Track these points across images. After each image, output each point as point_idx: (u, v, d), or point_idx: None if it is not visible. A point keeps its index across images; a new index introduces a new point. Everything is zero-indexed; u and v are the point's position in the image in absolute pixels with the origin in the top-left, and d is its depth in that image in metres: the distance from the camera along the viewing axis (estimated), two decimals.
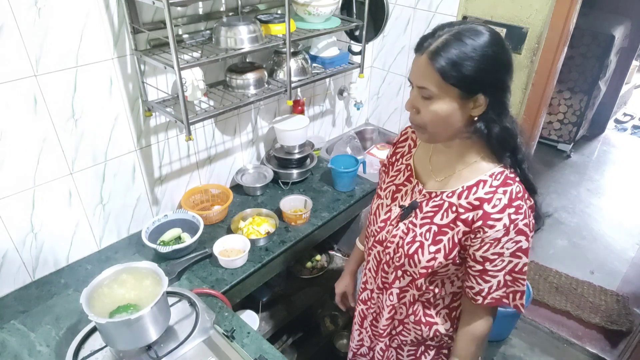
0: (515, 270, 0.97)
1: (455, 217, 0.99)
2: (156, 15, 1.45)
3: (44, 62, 1.26)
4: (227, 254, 1.58)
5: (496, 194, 0.94)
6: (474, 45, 0.86)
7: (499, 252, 0.95)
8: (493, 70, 0.88)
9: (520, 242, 0.94)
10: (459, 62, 0.86)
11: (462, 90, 0.88)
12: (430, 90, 0.89)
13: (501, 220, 0.93)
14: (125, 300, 1.15)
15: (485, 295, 1.00)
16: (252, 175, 2.03)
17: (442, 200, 1.02)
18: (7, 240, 1.38)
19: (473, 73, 0.86)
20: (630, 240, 3.16)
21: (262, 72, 1.69)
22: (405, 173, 1.13)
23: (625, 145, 4.42)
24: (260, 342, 1.29)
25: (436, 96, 0.90)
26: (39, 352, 1.25)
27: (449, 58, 0.86)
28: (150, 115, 1.57)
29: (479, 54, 0.86)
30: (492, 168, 0.98)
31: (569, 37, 1.79)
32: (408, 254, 1.05)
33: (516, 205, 0.93)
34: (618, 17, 3.81)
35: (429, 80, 0.89)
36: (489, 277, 0.98)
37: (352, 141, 2.38)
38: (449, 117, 0.91)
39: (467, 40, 0.86)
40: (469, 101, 0.90)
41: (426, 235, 1.03)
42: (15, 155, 1.31)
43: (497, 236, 0.93)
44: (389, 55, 2.37)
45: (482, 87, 0.89)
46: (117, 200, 1.61)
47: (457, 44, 0.86)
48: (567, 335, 2.43)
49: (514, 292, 0.99)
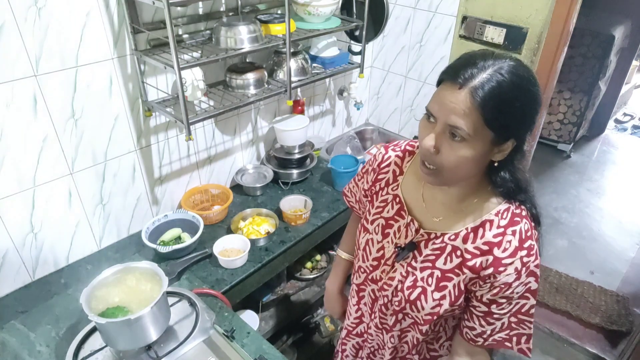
0: (521, 312, 0.90)
1: (461, 263, 0.90)
2: (156, 15, 1.45)
3: (44, 62, 1.26)
4: (227, 254, 1.58)
5: (505, 235, 0.86)
6: (520, 84, 0.75)
7: (509, 295, 0.88)
8: (533, 112, 0.78)
9: (529, 283, 0.88)
10: (506, 103, 0.74)
11: (498, 134, 0.77)
12: (464, 131, 0.75)
13: (513, 264, 0.85)
14: (120, 302, 1.14)
15: (487, 337, 0.93)
16: (252, 175, 2.03)
17: (444, 243, 0.92)
18: (7, 240, 1.38)
19: (517, 117, 0.76)
20: (630, 240, 3.16)
21: (262, 72, 1.69)
22: (394, 206, 1.01)
23: (625, 145, 4.42)
24: (260, 342, 1.29)
25: (468, 139, 0.76)
26: (39, 352, 1.25)
27: (496, 98, 0.73)
28: (150, 115, 1.57)
29: (524, 95, 0.76)
30: (497, 205, 0.88)
31: (569, 37, 1.79)
32: (409, 299, 0.96)
33: (527, 246, 0.85)
34: (618, 17, 3.81)
35: (467, 120, 0.74)
36: (493, 319, 0.91)
37: (352, 141, 2.38)
38: (473, 162, 0.79)
39: (514, 78, 0.74)
40: (497, 146, 0.80)
41: (428, 280, 0.94)
42: (15, 155, 1.31)
43: (509, 281, 0.86)
44: (389, 55, 2.37)
45: (517, 132, 0.79)
46: (117, 200, 1.61)
47: (504, 81, 0.73)
48: (567, 336, 2.43)
49: (519, 335, 0.92)
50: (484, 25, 1.88)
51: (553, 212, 3.40)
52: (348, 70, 2.01)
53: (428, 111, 0.81)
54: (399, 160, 1.04)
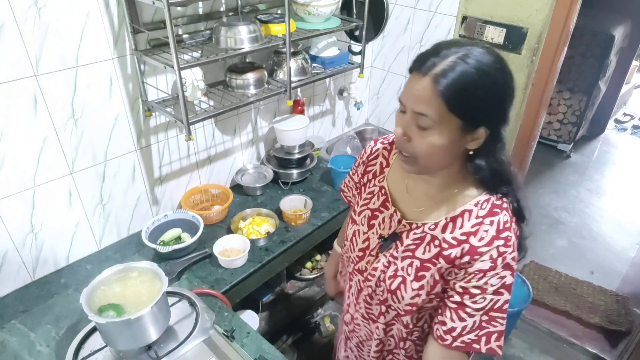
0: (494, 308, 0.88)
1: (438, 253, 0.91)
2: (156, 15, 1.45)
3: (44, 62, 1.26)
4: (227, 254, 1.58)
5: (483, 225, 0.86)
6: (485, 71, 0.76)
7: (482, 287, 0.86)
8: (501, 100, 0.80)
9: (505, 277, 0.86)
10: (470, 90, 0.76)
11: (466, 121, 0.79)
12: (430, 118, 0.78)
13: (488, 252, 0.85)
14: (118, 302, 1.14)
15: (456, 336, 0.90)
16: (252, 175, 2.03)
17: (424, 232, 0.93)
18: (7, 240, 1.38)
19: (482, 103, 0.78)
20: (630, 240, 3.16)
21: (262, 72, 1.69)
22: (380, 197, 1.03)
23: (625, 145, 4.42)
24: (260, 342, 1.29)
25: (435, 126, 0.79)
26: (39, 352, 1.25)
27: (458, 84, 0.75)
28: (150, 115, 1.57)
29: (490, 82, 0.77)
30: (477, 196, 0.89)
31: (569, 37, 1.79)
32: (390, 289, 0.97)
33: (504, 236, 0.85)
34: (618, 17, 3.81)
35: (430, 107, 0.77)
36: (465, 314, 0.89)
37: (352, 141, 2.38)
38: (445, 150, 0.82)
39: (479, 65, 0.76)
40: (468, 134, 0.81)
41: (408, 270, 0.95)
42: (16, 155, 1.31)
43: (483, 268, 0.85)
44: (389, 55, 2.37)
45: (487, 120, 0.80)
46: (117, 200, 1.61)
47: (467, 68, 0.75)
48: (567, 335, 2.43)
49: (489, 333, 0.89)
50: (484, 25, 1.88)
51: (553, 212, 3.40)
52: (348, 70, 2.01)
53: (400, 101, 0.84)
54: (386, 152, 1.06)
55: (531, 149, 2.06)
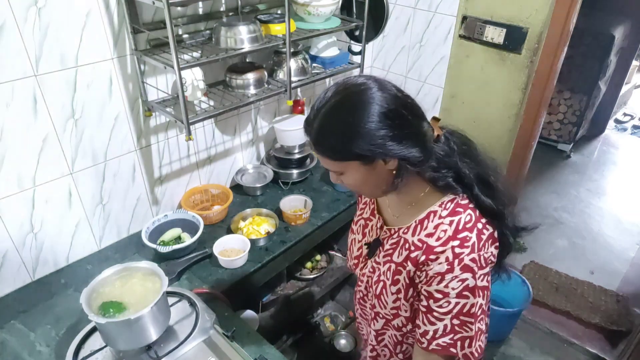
0: (463, 312, 0.86)
1: (407, 256, 0.93)
2: (156, 15, 1.45)
3: (44, 62, 1.26)
4: (227, 254, 1.58)
5: (442, 225, 0.88)
6: (330, 115, 0.83)
7: (444, 291, 0.86)
8: (353, 138, 0.81)
9: (466, 280, 0.85)
10: (325, 142, 0.84)
11: (358, 160, 0.84)
12: (334, 169, 0.89)
13: (444, 254, 0.86)
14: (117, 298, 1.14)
15: (430, 339, 0.90)
16: (252, 175, 2.03)
17: (399, 236, 0.97)
18: (7, 240, 1.38)
19: (348, 146, 0.81)
20: (630, 240, 3.16)
21: (262, 72, 1.69)
22: (370, 206, 1.10)
23: (625, 145, 4.42)
24: (260, 342, 1.29)
25: (343, 171, 0.88)
26: (39, 352, 1.25)
27: (325, 142, 0.85)
28: (150, 115, 1.57)
29: (337, 127, 0.82)
30: (442, 197, 0.91)
31: (569, 37, 1.79)
32: (376, 294, 1.01)
33: (462, 237, 0.85)
34: (618, 17, 3.81)
35: (326, 163, 0.88)
36: (434, 318, 0.89)
37: None
38: (367, 181, 0.89)
39: (323, 117, 0.83)
40: (375, 164, 0.84)
41: (387, 274, 0.98)
42: (15, 155, 1.31)
43: (440, 270, 0.86)
44: (389, 55, 2.37)
45: (362, 151, 0.82)
46: (117, 200, 1.61)
47: (325, 124, 0.83)
48: (567, 335, 2.43)
49: (462, 338, 0.88)
50: (484, 25, 1.88)
51: (553, 212, 3.40)
52: (348, 70, 2.01)
53: None
54: None
55: (531, 149, 2.06)
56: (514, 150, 2.02)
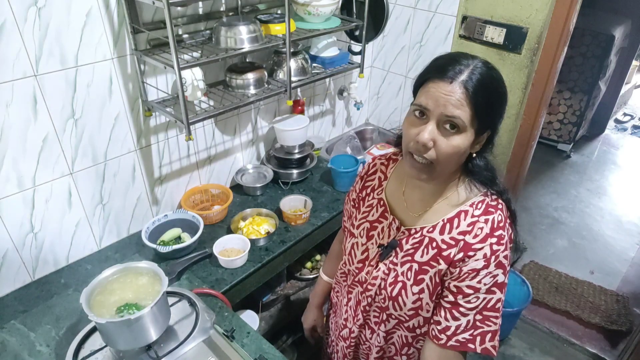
0: (487, 308, 0.89)
1: (436, 254, 0.93)
2: (156, 15, 1.45)
3: (44, 62, 1.26)
4: (227, 254, 1.58)
5: (478, 223, 0.90)
6: (497, 78, 0.85)
7: (476, 286, 0.88)
8: (505, 104, 0.88)
9: (497, 276, 0.88)
10: (491, 95, 0.83)
11: (482, 125, 0.85)
12: (461, 121, 0.81)
13: (482, 250, 0.88)
14: (124, 300, 1.15)
15: (450, 335, 0.91)
16: (252, 175, 2.03)
17: (422, 235, 0.96)
18: (7, 240, 1.38)
19: (497, 107, 0.86)
20: (630, 240, 3.16)
21: (262, 72, 1.69)
22: (379, 209, 1.06)
23: (625, 145, 4.42)
24: (260, 342, 1.29)
25: (462, 129, 0.82)
26: (39, 352, 1.25)
27: (485, 90, 0.81)
28: (150, 115, 1.57)
29: (501, 89, 0.85)
30: (472, 197, 0.93)
31: (569, 37, 1.79)
32: (391, 296, 0.99)
33: (498, 235, 0.88)
34: (618, 17, 3.81)
35: (462, 111, 0.81)
36: (459, 313, 0.90)
37: (352, 141, 2.38)
38: (463, 153, 0.86)
39: (493, 73, 0.84)
40: (479, 137, 0.87)
41: (408, 274, 0.97)
42: (15, 155, 1.31)
43: (477, 267, 0.88)
44: (389, 55, 2.37)
45: (494, 123, 0.88)
46: (117, 200, 1.61)
47: (487, 76, 0.82)
48: (567, 335, 2.43)
49: (483, 333, 0.90)
50: (484, 25, 1.88)
51: (553, 212, 3.41)
52: (348, 70, 2.01)
53: (420, 106, 0.85)
54: (384, 167, 1.11)
55: (531, 149, 2.06)
56: (514, 150, 2.02)
